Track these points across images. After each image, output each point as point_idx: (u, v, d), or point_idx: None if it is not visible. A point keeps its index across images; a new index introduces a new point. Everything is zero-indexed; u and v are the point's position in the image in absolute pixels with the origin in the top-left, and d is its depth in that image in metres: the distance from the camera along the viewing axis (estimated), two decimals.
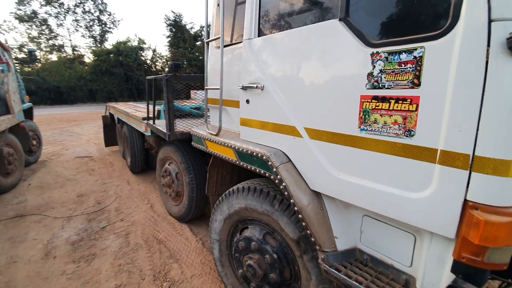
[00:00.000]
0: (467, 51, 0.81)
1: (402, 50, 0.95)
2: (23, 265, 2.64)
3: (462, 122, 0.84)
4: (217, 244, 2.09)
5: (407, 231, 1.11)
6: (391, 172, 1.04)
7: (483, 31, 0.77)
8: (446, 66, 0.86)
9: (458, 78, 0.83)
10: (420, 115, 0.93)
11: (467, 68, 0.81)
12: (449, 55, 0.85)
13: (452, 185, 0.88)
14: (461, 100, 0.84)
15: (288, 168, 1.40)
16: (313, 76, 1.27)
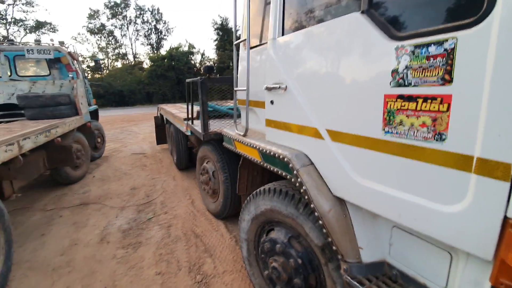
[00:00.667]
0: (507, 41, 0.67)
1: (430, 42, 0.83)
2: (82, 248, 3.03)
3: (503, 125, 0.70)
4: (245, 243, 2.12)
5: (443, 248, 0.98)
6: (419, 181, 0.92)
7: None
8: (483, 59, 0.72)
9: (497, 72, 0.69)
10: (452, 117, 0.80)
11: (508, 60, 0.67)
12: (486, 46, 0.71)
13: (490, 198, 0.74)
14: (501, 99, 0.70)
15: (310, 171, 1.35)
16: (333, 75, 1.19)
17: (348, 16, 1.10)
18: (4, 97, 5.23)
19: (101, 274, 2.58)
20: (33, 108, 4.72)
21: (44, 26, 29.42)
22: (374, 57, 1.01)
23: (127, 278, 2.52)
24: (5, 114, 5.24)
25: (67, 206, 4.14)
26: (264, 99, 1.76)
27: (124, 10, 38.40)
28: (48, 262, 2.78)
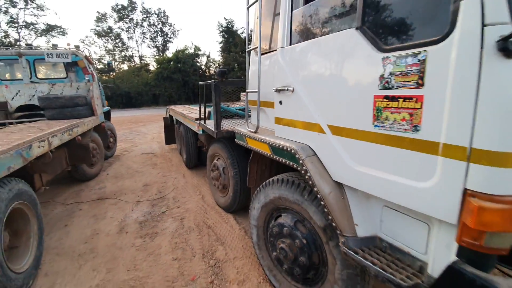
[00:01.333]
0: (463, 54, 0.90)
1: (408, 55, 1.06)
2: (103, 237, 3.29)
3: (460, 117, 0.92)
4: (255, 229, 2.35)
5: (422, 220, 1.20)
6: (401, 164, 1.15)
7: (477, 35, 0.86)
8: (446, 68, 0.95)
9: (456, 78, 0.92)
10: (424, 112, 1.03)
11: (463, 68, 0.90)
12: (448, 58, 0.94)
13: (453, 175, 0.96)
14: (459, 97, 0.92)
15: (313, 160, 1.58)
16: (333, 79, 1.43)
17: (345, 31, 1.34)
18: (25, 98, 5.56)
19: (122, 259, 2.83)
20: (53, 108, 5.02)
21: (54, 30, 30.14)
22: (365, 65, 1.24)
23: (147, 263, 2.77)
24: (27, 115, 5.56)
25: (85, 201, 4.42)
26: (273, 99, 2.00)
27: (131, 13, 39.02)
28: (73, 249, 3.05)
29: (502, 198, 0.87)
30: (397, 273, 1.20)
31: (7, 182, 2.34)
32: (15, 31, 28.44)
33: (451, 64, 0.93)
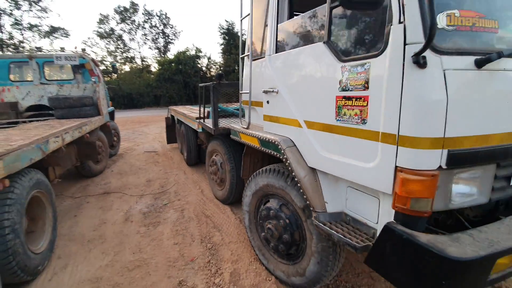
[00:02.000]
0: (392, 65, 1.21)
1: (358, 64, 1.37)
2: (110, 225, 3.60)
3: (391, 112, 1.23)
4: (247, 214, 2.66)
5: (373, 195, 1.50)
6: (354, 149, 1.45)
7: (401, 51, 1.17)
8: (382, 75, 1.25)
9: (388, 82, 1.23)
10: (369, 109, 1.34)
11: (392, 76, 1.21)
12: (383, 68, 1.25)
13: (388, 156, 1.27)
14: (389, 97, 1.23)
15: (293, 150, 1.89)
16: (307, 82, 1.74)
17: (316, 44, 1.65)
18: (35, 99, 5.88)
19: (128, 244, 3.14)
20: (62, 108, 5.33)
21: (57, 31, 30.56)
22: (330, 72, 1.55)
23: (150, 247, 3.08)
24: (36, 114, 5.88)
25: (92, 194, 4.73)
26: (262, 100, 2.32)
27: (132, 15, 39.45)
28: (83, 236, 3.35)
29: (419, 172, 1.17)
30: (354, 238, 1.50)
31: (28, 172, 2.65)
32: (19, 32, 28.86)
33: (385, 73, 1.24)
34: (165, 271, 2.65)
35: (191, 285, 2.44)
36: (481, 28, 1.22)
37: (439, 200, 1.23)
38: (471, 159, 1.21)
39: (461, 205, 1.29)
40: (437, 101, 1.12)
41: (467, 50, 1.18)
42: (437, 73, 1.11)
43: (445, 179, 1.21)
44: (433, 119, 1.13)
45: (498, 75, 1.22)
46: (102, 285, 2.47)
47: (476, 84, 1.18)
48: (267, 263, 2.47)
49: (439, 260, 1.06)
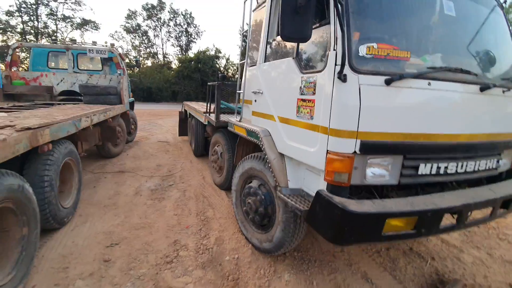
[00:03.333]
0: (328, 79, 1.72)
1: (310, 76, 1.89)
2: (123, 196, 4.24)
3: (326, 111, 1.74)
4: (235, 193, 3.20)
5: (317, 173, 2.00)
6: (305, 138, 1.97)
7: (333, 70, 1.68)
8: (322, 85, 1.77)
9: (325, 90, 1.75)
10: (315, 108, 1.85)
11: (327, 86, 1.72)
12: (324, 80, 1.76)
13: (323, 142, 1.78)
14: (326, 101, 1.74)
15: (268, 139, 2.43)
16: (280, 87, 2.28)
17: (287, 59, 2.19)
18: (68, 85, 6.70)
19: (136, 211, 3.75)
20: (90, 95, 6.09)
21: (88, 24, 32.41)
22: (295, 80, 2.08)
23: (154, 215, 3.68)
24: (67, 98, 6.68)
25: (109, 172, 5.41)
26: (251, 98, 2.87)
27: (159, 12, 41.00)
28: (100, 202, 4.00)
29: (340, 154, 1.67)
30: (301, 205, 2.01)
31: (64, 142, 3.31)
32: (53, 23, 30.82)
33: (324, 84, 1.76)
34: (164, 233, 3.23)
35: (183, 244, 3.01)
36: (394, 57, 1.72)
37: (356, 176, 1.73)
38: (378, 149, 1.70)
39: (374, 183, 1.77)
40: (352, 105, 1.62)
41: (380, 72, 1.67)
42: (354, 87, 1.61)
43: (360, 162, 1.70)
44: (349, 117, 1.63)
45: (405, 91, 1.70)
46: (113, 237, 3.08)
47: (385, 96, 1.67)
48: (246, 233, 3.00)
49: (343, 212, 1.56)
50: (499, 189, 2.04)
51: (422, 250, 3.17)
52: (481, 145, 1.97)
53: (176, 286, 2.37)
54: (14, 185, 2.14)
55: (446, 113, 1.82)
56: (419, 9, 2.00)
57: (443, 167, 1.86)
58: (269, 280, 2.52)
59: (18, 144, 2.22)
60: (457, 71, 1.88)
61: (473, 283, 2.65)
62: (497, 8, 2.41)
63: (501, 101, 2.07)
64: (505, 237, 3.70)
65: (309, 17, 1.59)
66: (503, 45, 2.39)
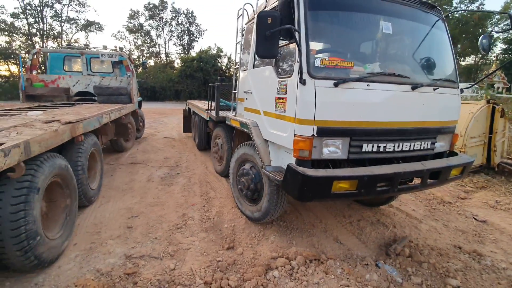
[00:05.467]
0: (294, 82, 2.38)
1: (283, 80, 2.55)
2: (137, 183, 4.94)
3: (293, 106, 2.40)
4: (232, 175, 3.88)
5: (290, 152, 2.65)
6: (281, 126, 2.63)
7: (296, 76, 2.34)
8: (291, 87, 2.43)
9: (292, 91, 2.40)
10: (287, 104, 2.51)
11: (293, 88, 2.38)
12: (292, 83, 2.42)
13: (291, 129, 2.44)
14: (293, 98, 2.40)
15: (256, 129, 3.10)
16: (263, 88, 2.94)
17: (268, 66, 2.85)
18: (83, 86, 7.40)
19: (150, 193, 4.45)
20: (104, 95, 6.78)
21: (93, 25, 33.20)
22: (273, 83, 2.74)
23: (165, 196, 4.37)
24: (82, 99, 7.39)
25: (123, 163, 6.12)
26: (243, 97, 3.54)
27: (161, 12, 41.58)
28: (118, 187, 4.70)
29: (302, 136, 2.32)
30: (279, 176, 2.67)
31: (90, 135, 4.00)
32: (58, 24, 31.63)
33: (292, 85, 2.42)
34: (174, 208, 3.92)
35: (190, 216, 3.70)
36: (341, 66, 2.37)
37: (315, 153, 2.38)
38: (330, 133, 2.34)
39: (329, 157, 2.42)
40: (310, 101, 2.27)
41: (330, 77, 2.32)
42: (311, 88, 2.26)
43: (318, 142, 2.36)
44: (308, 110, 2.28)
45: (349, 90, 2.35)
46: (133, 211, 3.78)
47: (334, 94, 2.31)
48: (241, 207, 3.68)
49: (303, 176, 2.22)
50: (429, 164, 2.69)
51: (387, 221, 3.83)
52: (413, 130, 2.61)
53: (185, 242, 3.06)
54: (63, 164, 2.84)
55: (382, 106, 2.47)
56: (362, 29, 2.64)
57: (382, 146, 2.51)
58: (258, 241, 3.20)
59: (64, 134, 2.91)
60: (391, 75, 2.52)
61: (423, 243, 3.30)
62: (439, 22, 3.03)
63: (432, 96, 2.71)
64: (464, 213, 4.34)
65: (275, 42, 2.24)
66: (441, 53, 3.02)
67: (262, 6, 3.24)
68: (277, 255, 2.81)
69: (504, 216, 4.18)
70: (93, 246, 2.95)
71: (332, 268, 2.59)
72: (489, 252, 3.18)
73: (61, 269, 2.56)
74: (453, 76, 3.03)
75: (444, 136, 2.94)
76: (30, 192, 2.24)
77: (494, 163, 5.70)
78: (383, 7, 2.63)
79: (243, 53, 3.74)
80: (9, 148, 1.94)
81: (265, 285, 2.36)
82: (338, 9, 2.54)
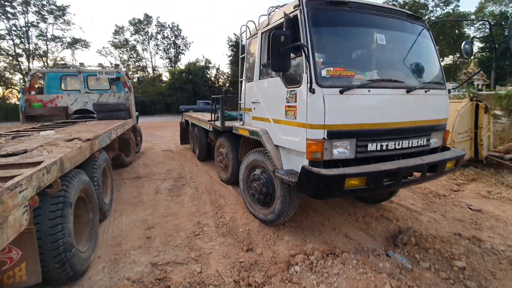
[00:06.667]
0: (304, 92, 2.63)
1: (292, 90, 2.81)
2: (146, 195, 5.04)
3: (304, 113, 2.65)
4: (242, 182, 4.07)
5: (302, 156, 2.88)
6: (292, 132, 2.87)
7: (306, 86, 2.59)
8: (301, 95, 2.68)
9: (302, 99, 2.65)
10: (297, 111, 2.76)
11: (303, 96, 2.63)
12: (301, 92, 2.67)
13: (304, 133, 2.67)
14: (303, 106, 2.65)
15: (266, 136, 3.32)
16: (272, 97, 3.19)
17: (276, 77, 3.11)
18: (81, 104, 7.48)
19: (161, 205, 4.57)
20: (104, 112, 6.89)
21: (78, 43, 33.06)
22: (282, 92, 2.99)
23: (176, 207, 4.50)
24: (81, 116, 7.46)
25: (127, 178, 6.20)
26: (251, 107, 3.78)
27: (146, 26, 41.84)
28: (128, 201, 4.79)
29: (314, 140, 2.56)
30: (293, 178, 2.88)
31: (101, 151, 4.13)
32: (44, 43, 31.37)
33: (302, 94, 2.67)
34: (188, 218, 4.06)
35: (205, 223, 3.85)
36: (345, 75, 2.64)
37: (327, 154, 2.62)
38: (339, 135, 2.60)
39: (339, 157, 2.66)
40: (320, 108, 2.52)
41: (336, 85, 2.58)
42: (320, 96, 2.52)
43: (328, 144, 2.60)
44: (319, 116, 2.53)
45: (353, 96, 2.62)
46: (148, 223, 3.89)
47: (341, 101, 2.58)
48: (253, 211, 3.86)
49: (318, 176, 2.45)
50: (427, 159, 2.97)
51: (390, 215, 4.09)
52: (410, 129, 2.90)
53: (205, 247, 3.21)
54: (87, 180, 2.98)
55: (383, 109, 2.75)
56: (361, 42, 2.96)
57: (385, 145, 2.78)
58: (274, 241, 3.38)
59: (86, 151, 3.06)
60: (388, 81, 2.82)
61: (426, 233, 3.56)
62: (424, 31, 3.38)
63: (424, 98, 3.02)
64: (459, 204, 4.66)
65: (287, 57, 2.50)
66: (428, 58, 3.36)
67: (265, 23, 3.51)
68: (295, 253, 3.00)
69: (497, 205, 4.52)
70: (118, 257, 3.06)
71: (348, 260, 2.79)
72: (487, 237, 3.46)
73: (92, 280, 2.66)
74: (440, 78, 3.37)
75: (437, 133, 3.25)
76: (65, 207, 2.37)
77: (482, 156, 6.10)
78: (376, 21, 2.95)
79: (247, 65, 4.00)
80: (50, 165, 2.09)
81: (289, 279, 2.54)
82: (337, 25, 2.84)
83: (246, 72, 4.03)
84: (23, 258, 2.04)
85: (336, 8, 2.77)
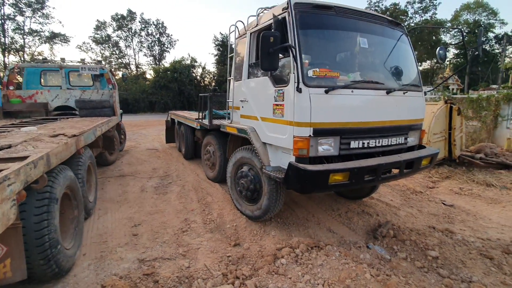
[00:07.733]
0: (291, 90, 2.74)
1: (280, 89, 2.91)
2: (131, 194, 4.98)
3: (291, 111, 2.76)
4: (229, 179, 4.13)
5: (288, 153, 2.99)
6: (279, 129, 2.97)
7: (293, 85, 2.70)
8: (288, 94, 2.79)
9: (289, 98, 2.76)
10: (284, 110, 2.86)
11: (290, 95, 2.74)
12: (288, 91, 2.78)
13: (291, 131, 2.78)
14: (290, 104, 2.76)
15: (254, 133, 3.41)
16: (260, 96, 3.28)
17: (264, 77, 3.20)
18: (62, 101, 7.25)
19: (147, 203, 4.54)
20: (87, 109, 6.73)
21: (58, 37, 31.73)
22: (270, 91, 3.08)
23: (163, 204, 4.49)
24: (62, 113, 7.22)
25: (111, 176, 6.08)
26: (239, 105, 3.85)
27: (130, 22, 40.72)
28: (112, 199, 4.72)
29: (301, 137, 2.67)
30: (280, 175, 2.99)
31: (86, 148, 4.06)
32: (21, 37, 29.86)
33: (289, 93, 2.77)
34: (175, 215, 4.07)
35: (193, 220, 3.88)
36: (330, 76, 2.78)
37: (312, 151, 2.74)
38: (324, 133, 2.73)
39: (324, 154, 2.79)
40: (306, 106, 2.64)
41: (322, 85, 2.71)
42: (306, 95, 2.63)
43: (314, 141, 2.72)
44: (305, 114, 2.65)
45: (337, 96, 2.76)
46: (134, 220, 3.87)
47: (326, 100, 2.71)
48: (240, 207, 3.94)
49: (304, 172, 2.56)
50: (405, 156, 3.17)
51: (371, 211, 4.28)
52: (389, 128, 3.09)
53: (193, 243, 3.25)
54: (72, 176, 2.94)
55: (364, 109, 2.91)
56: (345, 45, 3.12)
57: (366, 143, 2.94)
58: (260, 236, 3.47)
59: (72, 147, 3.01)
60: (370, 82, 2.99)
61: (403, 226, 3.77)
62: (403, 36, 3.59)
63: (402, 99, 3.22)
64: (434, 199, 4.95)
65: (276, 57, 2.60)
66: (407, 62, 3.57)
67: (254, 23, 3.60)
68: (281, 246, 3.10)
69: (468, 200, 4.85)
70: (104, 255, 3.04)
71: (331, 252, 2.93)
72: (459, 230, 3.72)
73: (78, 277, 2.64)
74: (417, 81, 3.59)
75: (414, 132, 3.46)
76: (51, 203, 2.35)
77: (455, 155, 6.49)
78: (359, 26, 3.12)
79: (235, 65, 4.07)
80: (36, 160, 2.07)
81: (276, 271, 2.64)
82: (323, 28, 2.97)
83: (235, 71, 4.09)
84: (8, 254, 2.01)
85: (322, 12, 2.91)
